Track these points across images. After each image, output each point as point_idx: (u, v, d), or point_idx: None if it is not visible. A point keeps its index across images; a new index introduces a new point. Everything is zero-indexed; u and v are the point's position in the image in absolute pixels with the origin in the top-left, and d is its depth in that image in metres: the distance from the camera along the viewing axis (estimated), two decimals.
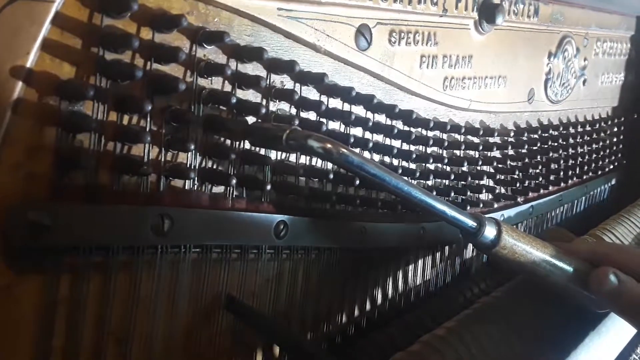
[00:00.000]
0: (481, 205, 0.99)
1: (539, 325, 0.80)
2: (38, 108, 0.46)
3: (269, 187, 0.63)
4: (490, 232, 0.65)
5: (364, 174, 0.58)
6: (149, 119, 0.52)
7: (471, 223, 0.65)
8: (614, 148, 1.45)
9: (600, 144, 1.37)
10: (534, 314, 0.81)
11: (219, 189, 0.60)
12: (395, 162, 0.81)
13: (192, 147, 0.55)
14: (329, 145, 0.56)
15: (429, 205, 0.63)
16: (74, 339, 0.50)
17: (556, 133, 1.19)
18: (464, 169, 0.93)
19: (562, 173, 1.21)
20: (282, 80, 0.64)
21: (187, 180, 0.57)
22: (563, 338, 0.80)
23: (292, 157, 0.67)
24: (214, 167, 0.59)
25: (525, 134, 1.09)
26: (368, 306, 0.83)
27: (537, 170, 1.13)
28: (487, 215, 0.67)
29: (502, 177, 1.04)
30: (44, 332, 0.49)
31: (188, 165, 0.56)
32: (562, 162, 1.21)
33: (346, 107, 0.72)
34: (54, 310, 0.49)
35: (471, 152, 0.95)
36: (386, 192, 0.80)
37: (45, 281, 0.48)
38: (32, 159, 0.47)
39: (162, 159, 0.55)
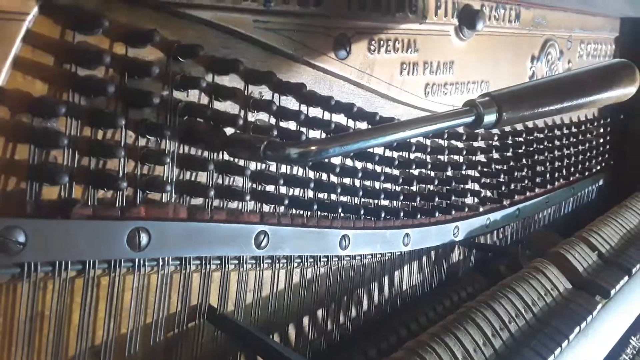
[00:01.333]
0: (466, 209, 0.99)
1: (523, 327, 0.80)
2: (10, 125, 0.46)
3: (248, 197, 0.63)
4: (490, 117, 0.62)
5: (349, 152, 0.56)
6: (123, 133, 0.52)
7: (470, 119, 0.62)
8: (601, 149, 1.46)
9: (587, 145, 1.38)
10: (519, 317, 0.81)
11: (197, 201, 0.60)
12: (378, 168, 0.81)
13: (168, 160, 0.55)
14: (311, 147, 0.54)
15: (424, 133, 0.61)
16: (54, 352, 0.50)
17: (542, 135, 1.20)
18: (448, 173, 0.94)
19: (548, 175, 1.22)
20: (261, 91, 0.65)
21: (164, 193, 0.57)
22: (547, 340, 0.81)
23: (273, 167, 0.68)
24: (192, 179, 0.60)
25: (510, 138, 1.10)
26: (353, 313, 0.83)
27: (523, 173, 1.14)
28: (480, 95, 0.64)
29: (488, 180, 1.05)
30: (21, 347, 0.48)
31: (165, 178, 0.56)
32: (548, 164, 1.22)
33: (326, 116, 0.72)
34: (32, 325, 0.49)
35: (455, 157, 0.95)
36: (367, 197, 0.80)
37: (22, 297, 0.48)
38: (5, 176, 0.47)
39: (138, 172, 0.55)
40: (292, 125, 0.68)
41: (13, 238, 0.45)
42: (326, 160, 0.73)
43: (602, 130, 1.46)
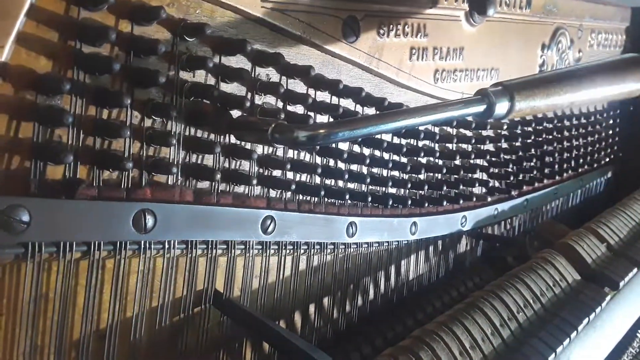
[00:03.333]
0: (474, 199, 0.98)
1: (531, 318, 0.79)
2: (14, 102, 0.45)
3: (255, 182, 0.62)
4: (502, 107, 0.62)
5: (358, 137, 0.55)
6: (129, 113, 0.52)
7: (481, 109, 0.61)
8: (610, 141, 1.44)
9: (596, 136, 1.36)
10: (526, 306, 0.80)
11: (204, 184, 0.59)
12: (386, 155, 0.80)
13: (174, 141, 0.54)
14: (320, 131, 0.53)
15: (434, 121, 0.61)
16: (58, 334, 0.50)
17: (551, 126, 1.18)
18: (457, 162, 0.93)
19: (557, 166, 1.21)
20: (268, 73, 0.63)
21: (170, 175, 0.56)
22: (556, 331, 0.80)
23: (280, 151, 0.67)
24: (198, 161, 0.59)
25: (519, 127, 1.08)
26: (360, 302, 0.82)
27: (532, 164, 1.12)
28: (493, 84, 0.63)
29: (496, 170, 1.03)
30: (25, 328, 0.48)
31: (171, 160, 0.55)
32: (557, 155, 1.21)
33: (334, 100, 0.71)
34: (36, 306, 0.48)
35: (464, 146, 0.94)
36: (373, 183, 0.79)
37: (26, 277, 0.48)
38: (9, 154, 0.46)
39: (144, 154, 0.54)
40: (299, 109, 0.67)
41: (17, 217, 0.44)
42: (334, 145, 0.72)
43: (611, 121, 1.44)
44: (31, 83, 0.46)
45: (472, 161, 0.95)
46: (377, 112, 0.74)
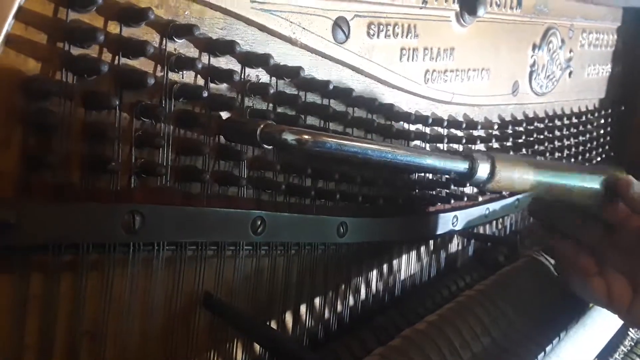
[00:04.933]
0: (465, 198, 0.99)
1: (521, 318, 0.80)
2: (2, 104, 0.45)
3: (244, 183, 0.62)
4: (483, 170, 0.65)
5: (344, 154, 0.57)
6: (117, 115, 0.52)
7: (463, 167, 0.65)
8: (601, 140, 1.45)
9: (587, 136, 1.37)
10: (517, 306, 0.81)
11: (193, 186, 0.59)
12: None
13: (163, 142, 0.54)
14: (305, 136, 0.54)
15: (418, 164, 0.63)
16: (47, 337, 0.50)
17: (542, 126, 1.19)
18: None
19: None
20: (257, 75, 0.64)
21: (159, 177, 0.56)
22: (546, 330, 0.80)
23: (270, 152, 0.67)
24: (188, 163, 0.59)
25: (510, 127, 1.09)
26: (351, 301, 0.82)
27: None
28: (478, 151, 0.67)
29: None
30: (15, 331, 0.48)
31: (160, 162, 0.55)
32: (548, 154, 1.21)
33: (325, 101, 0.71)
34: (25, 309, 0.48)
35: (455, 146, 0.94)
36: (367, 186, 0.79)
37: (14, 280, 0.48)
38: None
39: (133, 156, 0.54)
40: (289, 110, 0.67)
41: (4, 219, 0.44)
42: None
43: (603, 121, 1.45)
44: (20, 85, 0.46)
45: None
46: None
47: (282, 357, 0.62)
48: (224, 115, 0.60)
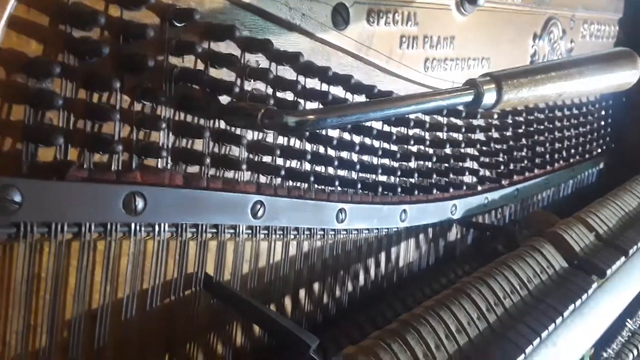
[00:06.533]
0: (464, 187, 0.99)
1: (517, 304, 0.81)
2: (5, 85, 0.46)
3: (244, 167, 0.63)
4: (490, 98, 0.63)
5: (347, 123, 0.56)
6: (118, 97, 0.52)
7: (469, 99, 0.62)
8: (602, 131, 1.45)
9: (588, 127, 1.38)
10: (513, 292, 0.82)
11: (193, 169, 0.60)
12: (376, 143, 0.81)
13: (164, 125, 0.55)
14: (309, 116, 0.54)
15: (423, 109, 0.62)
16: (50, 314, 0.51)
17: (542, 116, 1.19)
18: (447, 151, 0.94)
19: (548, 156, 1.22)
20: (257, 60, 0.64)
21: (159, 159, 0.57)
22: (541, 316, 0.81)
23: (269, 137, 0.68)
24: (188, 146, 0.60)
25: (510, 117, 1.09)
26: (349, 287, 0.83)
27: (522, 153, 1.13)
28: (481, 75, 0.64)
29: (486, 159, 1.04)
30: (18, 308, 0.49)
31: (160, 144, 0.56)
32: (548, 145, 1.22)
33: (324, 87, 0.72)
34: (29, 287, 0.49)
35: (454, 135, 0.95)
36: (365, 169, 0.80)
37: (18, 258, 0.49)
38: (1, 136, 0.47)
39: (134, 138, 0.55)
40: (288, 95, 0.68)
41: (9, 197, 0.45)
42: (323, 132, 0.73)
43: (603, 112, 1.45)
44: (22, 66, 0.47)
45: (462, 150, 0.96)
46: (367, 100, 0.74)
47: (281, 339, 0.63)
48: (223, 99, 0.61)
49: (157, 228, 0.57)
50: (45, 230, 0.49)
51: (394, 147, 0.84)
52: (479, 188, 1.04)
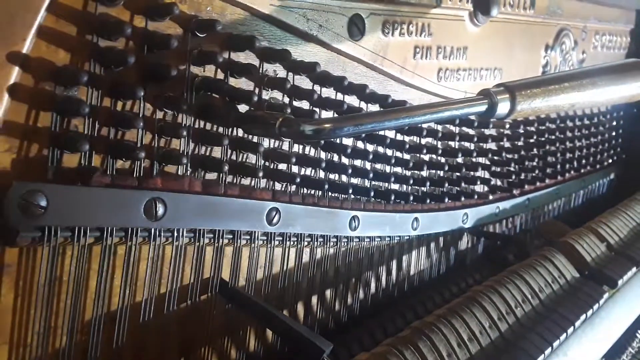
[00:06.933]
0: (476, 196, 1.00)
1: (529, 313, 0.81)
2: (34, 93, 0.48)
3: (261, 174, 0.64)
4: (503, 108, 0.63)
5: (363, 132, 0.57)
6: (141, 105, 0.54)
7: (483, 109, 0.62)
8: (613, 142, 1.45)
9: (599, 137, 1.37)
10: (525, 302, 0.82)
11: (212, 175, 0.61)
12: (389, 152, 0.82)
13: (185, 133, 0.56)
14: (326, 125, 0.54)
15: (437, 119, 0.62)
16: (70, 316, 0.52)
17: (553, 126, 1.20)
18: (459, 160, 0.94)
19: (559, 166, 1.22)
20: (275, 69, 0.65)
21: (179, 166, 0.58)
22: (553, 326, 0.81)
23: (285, 145, 0.69)
24: (207, 153, 0.61)
25: (522, 127, 1.10)
26: (361, 295, 0.84)
27: (534, 163, 1.13)
28: (495, 85, 0.64)
29: (498, 169, 1.05)
30: (40, 310, 0.50)
31: (181, 152, 0.57)
32: (559, 155, 1.22)
33: (339, 96, 0.73)
34: (51, 289, 0.51)
35: (466, 144, 0.96)
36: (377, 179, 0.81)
37: (42, 261, 0.50)
38: (29, 142, 0.48)
39: (155, 145, 0.56)
40: (305, 104, 0.69)
41: (35, 202, 0.47)
42: (338, 141, 0.74)
43: (614, 123, 1.45)
44: (50, 74, 0.48)
45: (474, 159, 0.97)
46: (381, 109, 0.75)
47: (295, 344, 0.63)
48: (242, 108, 0.62)
49: (175, 233, 0.58)
50: (69, 234, 0.50)
51: (407, 156, 0.85)
52: (491, 197, 1.04)
